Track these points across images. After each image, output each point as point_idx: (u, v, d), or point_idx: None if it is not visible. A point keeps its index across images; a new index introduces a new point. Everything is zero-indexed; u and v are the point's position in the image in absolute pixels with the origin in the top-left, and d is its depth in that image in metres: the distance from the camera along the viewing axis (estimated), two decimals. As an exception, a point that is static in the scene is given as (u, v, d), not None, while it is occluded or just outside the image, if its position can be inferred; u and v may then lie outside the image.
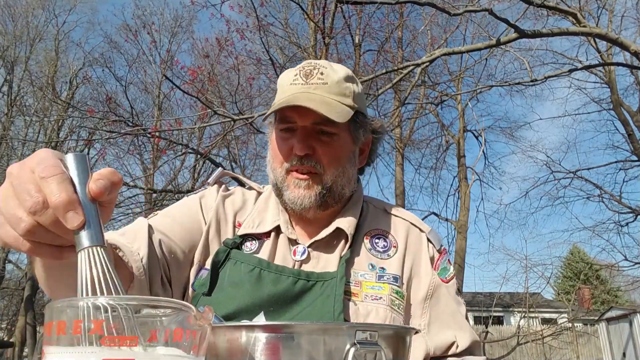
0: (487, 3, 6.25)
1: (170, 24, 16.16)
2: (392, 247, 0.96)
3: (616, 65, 11.42)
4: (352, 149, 0.97)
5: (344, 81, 0.93)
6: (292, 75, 0.94)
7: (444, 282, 0.97)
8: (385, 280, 0.91)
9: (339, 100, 0.91)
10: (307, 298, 0.85)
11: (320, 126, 0.91)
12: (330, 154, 0.91)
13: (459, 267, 13.97)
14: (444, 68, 14.14)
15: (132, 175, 13.45)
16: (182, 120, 10.38)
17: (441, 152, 15.62)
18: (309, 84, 0.91)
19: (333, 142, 0.92)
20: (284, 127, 0.93)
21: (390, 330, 0.59)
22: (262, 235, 0.95)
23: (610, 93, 13.48)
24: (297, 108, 0.87)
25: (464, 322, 0.96)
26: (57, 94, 14.74)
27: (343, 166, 0.94)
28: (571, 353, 15.08)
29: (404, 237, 0.98)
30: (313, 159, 0.91)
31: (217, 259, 0.90)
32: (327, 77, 0.91)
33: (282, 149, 0.93)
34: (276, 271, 0.87)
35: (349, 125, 0.94)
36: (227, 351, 0.54)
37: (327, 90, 0.90)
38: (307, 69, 0.92)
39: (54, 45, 16.48)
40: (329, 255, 0.93)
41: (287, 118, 0.92)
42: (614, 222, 13.19)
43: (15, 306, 16.89)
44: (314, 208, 0.92)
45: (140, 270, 0.81)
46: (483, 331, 10.60)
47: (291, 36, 10.47)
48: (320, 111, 0.85)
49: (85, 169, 0.50)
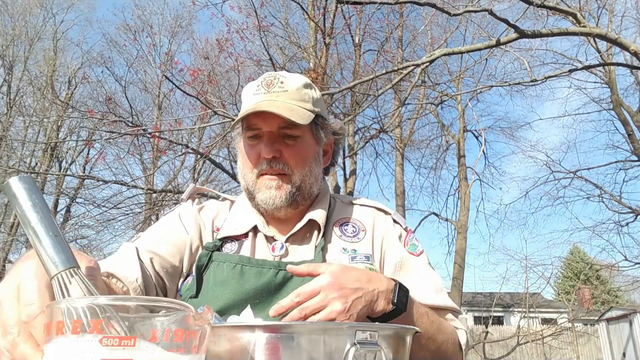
0: (487, 3, 6.24)
1: (170, 23, 16.18)
2: (360, 231, 1.04)
3: (616, 65, 11.42)
4: (316, 149, 1.04)
5: (303, 88, 1.00)
6: (254, 87, 1.01)
7: (414, 255, 1.03)
8: (358, 260, 0.97)
9: (299, 105, 0.97)
10: (290, 287, 0.89)
11: (284, 130, 0.97)
12: (296, 155, 0.98)
13: (459, 267, 13.96)
14: (444, 68, 14.17)
15: (132, 175, 13.45)
16: (182, 120, 10.38)
17: (441, 152, 15.64)
18: (270, 93, 0.97)
19: (297, 144, 0.99)
20: (251, 135, 1.00)
21: (390, 330, 0.59)
22: (241, 236, 1.01)
23: (610, 93, 13.48)
24: (262, 115, 0.95)
25: (437, 287, 1.00)
26: (56, 94, 14.73)
27: (309, 166, 1.01)
28: (571, 353, 15.08)
29: (371, 222, 1.05)
30: (281, 162, 0.98)
31: (200, 263, 0.95)
32: (287, 85, 0.98)
33: (250, 154, 1.00)
34: (257, 265, 0.92)
35: (311, 128, 1.02)
36: (227, 351, 0.54)
37: (287, 96, 0.97)
38: (268, 80, 0.99)
39: (53, 45, 16.48)
40: (305, 246, 0.99)
41: (253, 125, 0.98)
42: (614, 222, 13.19)
43: (15, 306, 16.85)
44: (285, 207, 0.98)
45: (137, 291, 0.87)
46: (483, 331, 10.60)
47: (291, 36, 10.47)
48: (284, 115, 0.91)
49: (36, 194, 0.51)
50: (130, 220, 10.00)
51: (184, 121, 10.55)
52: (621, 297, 23.08)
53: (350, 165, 11.85)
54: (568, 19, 6.76)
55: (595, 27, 6.00)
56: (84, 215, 13.58)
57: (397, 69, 5.63)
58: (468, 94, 13.61)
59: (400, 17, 12.47)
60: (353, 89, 6.96)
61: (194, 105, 10.71)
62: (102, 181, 8.34)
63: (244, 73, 9.12)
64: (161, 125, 10.50)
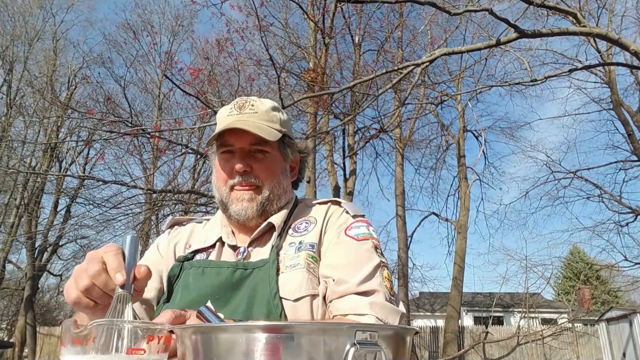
0: (487, 3, 6.25)
1: (171, 22, 16.20)
2: (311, 224, 1.11)
3: (616, 65, 11.44)
4: (284, 165, 1.16)
5: (271, 110, 1.12)
6: (227, 110, 1.13)
7: (353, 239, 1.04)
8: (302, 249, 1.04)
9: (268, 125, 1.09)
10: (247, 284, 0.98)
11: (255, 146, 1.09)
12: (265, 169, 1.09)
13: (459, 267, 13.98)
14: (444, 68, 14.17)
15: (132, 175, 13.46)
16: (182, 120, 10.39)
17: (441, 152, 15.65)
18: (242, 114, 1.09)
19: (266, 159, 1.10)
20: (224, 150, 1.10)
21: (390, 330, 0.59)
22: (209, 247, 1.12)
23: (610, 93, 13.49)
24: (235, 133, 1.07)
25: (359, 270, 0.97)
26: (56, 94, 14.74)
27: (277, 178, 1.12)
28: (571, 353, 15.09)
29: (323, 214, 1.12)
30: (252, 175, 1.08)
31: (172, 273, 1.06)
32: (257, 108, 1.10)
33: (224, 169, 1.10)
34: (217, 266, 1.03)
35: (279, 146, 1.13)
36: (227, 351, 0.54)
37: (257, 117, 1.09)
38: (240, 103, 1.12)
39: (53, 45, 16.49)
40: (263, 248, 1.08)
41: (226, 142, 1.09)
42: (614, 222, 13.21)
43: (15, 306, 16.91)
44: (256, 217, 1.08)
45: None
46: (483, 331, 10.60)
47: (291, 36, 10.48)
48: (253, 131, 1.03)
49: (136, 250, 0.77)
50: (130, 220, 10.00)
51: (184, 121, 10.55)
52: (621, 297, 23.10)
53: (350, 165, 11.87)
54: (568, 19, 6.76)
55: (595, 27, 6.01)
56: (84, 215, 13.60)
57: (397, 68, 5.63)
58: (468, 93, 13.64)
59: (400, 17, 12.48)
60: (353, 89, 6.96)
61: (194, 105, 10.73)
62: (102, 181, 8.33)
63: (244, 73, 9.13)
64: (161, 125, 10.50)
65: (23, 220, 15.24)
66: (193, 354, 0.57)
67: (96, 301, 0.75)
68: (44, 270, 15.71)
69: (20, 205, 15.09)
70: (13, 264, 16.64)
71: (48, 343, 16.07)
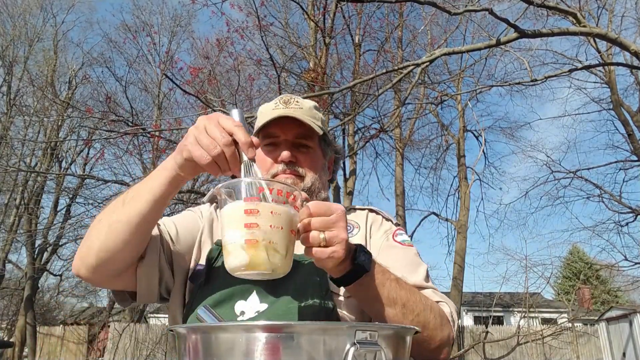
0: (487, 3, 6.24)
1: (170, 22, 16.19)
2: (354, 228, 1.16)
3: (616, 65, 11.43)
4: (323, 161, 1.21)
5: (314, 109, 1.18)
6: (272, 104, 1.17)
7: (400, 244, 1.12)
8: None
9: (312, 120, 1.14)
10: (297, 276, 0.96)
11: (300, 140, 1.14)
12: (309, 161, 1.14)
13: (459, 267, 13.96)
14: (444, 68, 14.16)
15: (132, 175, 13.45)
16: (182, 119, 10.38)
17: (441, 152, 15.63)
18: (288, 108, 1.13)
19: (310, 153, 1.15)
20: (268, 142, 1.14)
21: (390, 330, 0.59)
22: None
23: (610, 93, 13.48)
24: (281, 125, 1.12)
25: (419, 271, 1.06)
26: (56, 94, 14.73)
27: (319, 173, 1.16)
28: (571, 353, 15.08)
29: (364, 220, 1.18)
30: (296, 165, 1.13)
31: (210, 255, 1.05)
32: (302, 104, 1.15)
33: (266, 159, 1.13)
34: None
35: (320, 143, 1.19)
36: (227, 351, 0.54)
37: (303, 113, 1.13)
38: (285, 99, 1.16)
39: (53, 45, 16.48)
40: None
41: (271, 134, 1.14)
42: (614, 222, 13.20)
43: (15, 306, 16.88)
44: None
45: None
46: (483, 331, 10.59)
47: (291, 36, 10.47)
48: (306, 121, 1.09)
49: (245, 123, 0.83)
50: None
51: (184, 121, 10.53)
52: (621, 297, 23.08)
53: (350, 165, 11.85)
54: (568, 19, 6.76)
55: (595, 27, 6.00)
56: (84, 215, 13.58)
57: (397, 68, 5.62)
58: (468, 93, 13.62)
59: (400, 16, 12.47)
60: (353, 89, 6.95)
61: (194, 104, 10.71)
62: (102, 181, 8.34)
63: (244, 72, 9.13)
64: (161, 124, 10.50)
65: (23, 220, 15.22)
66: (193, 353, 0.57)
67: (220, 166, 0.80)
68: (44, 270, 15.70)
69: (20, 204, 15.08)
70: (13, 263, 16.63)
71: (48, 343, 16.05)
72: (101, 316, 17.79)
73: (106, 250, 0.89)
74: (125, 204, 0.89)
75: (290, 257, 0.77)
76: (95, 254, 0.89)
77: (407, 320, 0.88)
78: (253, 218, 0.72)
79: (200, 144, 0.78)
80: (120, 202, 0.90)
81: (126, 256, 0.92)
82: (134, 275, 0.98)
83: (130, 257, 0.94)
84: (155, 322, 18.21)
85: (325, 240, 0.78)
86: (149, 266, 0.99)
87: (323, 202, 0.80)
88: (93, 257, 0.90)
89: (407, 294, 0.90)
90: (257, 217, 0.73)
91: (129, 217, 0.87)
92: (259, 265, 0.72)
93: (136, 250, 0.94)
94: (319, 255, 0.78)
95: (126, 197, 0.90)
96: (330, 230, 0.78)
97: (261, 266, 0.72)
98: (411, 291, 0.92)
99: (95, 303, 20.89)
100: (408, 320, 0.88)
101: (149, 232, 0.94)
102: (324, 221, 0.78)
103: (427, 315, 0.91)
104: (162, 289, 1.04)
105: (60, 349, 15.97)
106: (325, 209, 0.79)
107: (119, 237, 0.88)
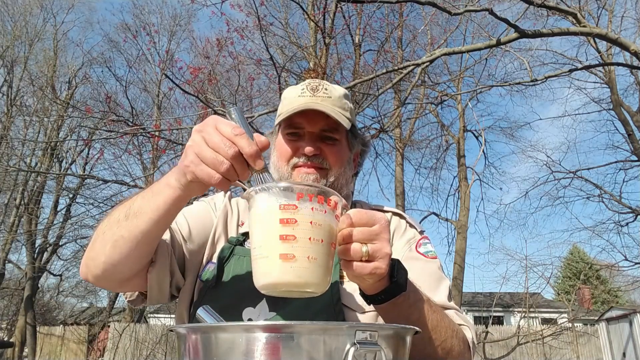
0: (487, 3, 6.24)
1: (169, 22, 16.19)
2: None
3: (616, 65, 11.43)
4: (349, 155, 1.11)
5: (343, 97, 1.08)
6: (299, 89, 1.07)
7: (423, 256, 1.06)
8: None
9: (340, 112, 1.05)
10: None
11: (325, 132, 1.05)
12: (335, 154, 1.05)
13: (459, 267, 13.96)
14: (444, 68, 14.16)
15: (132, 175, 13.45)
16: (182, 119, 10.37)
17: (441, 152, 15.63)
18: (316, 96, 1.04)
19: (336, 146, 1.06)
20: (292, 132, 1.06)
21: (390, 330, 0.59)
22: None
23: (610, 93, 13.48)
24: (306, 116, 1.02)
25: (441, 287, 1.02)
26: (56, 93, 14.73)
27: (344, 167, 1.07)
28: (571, 353, 15.07)
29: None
30: (320, 157, 1.04)
31: (222, 255, 1.00)
32: (331, 92, 1.06)
33: (288, 149, 1.05)
34: None
35: (347, 135, 1.10)
36: (227, 351, 0.54)
37: (331, 102, 1.04)
38: (313, 85, 1.07)
39: (53, 45, 16.47)
40: None
41: (295, 124, 1.05)
42: (614, 222, 13.21)
43: (15, 306, 16.88)
44: None
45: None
46: (483, 331, 10.59)
47: (291, 36, 10.47)
48: (333, 115, 1.00)
49: (246, 122, 0.75)
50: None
51: (184, 120, 10.53)
52: (621, 297, 23.07)
53: (350, 165, 11.83)
54: (568, 19, 6.76)
55: (595, 27, 6.00)
56: (84, 215, 13.59)
57: (397, 68, 5.63)
58: (468, 93, 13.62)
59: (400, 16, 12.46)
60: (353, 89, 6.95)
61: (194, 104, 10.71)
62: (102, 181, 8.34)
63: (244, 72, 9.12)
64: (161, 124, 10.49)
65: (23, 220, 15.22)
66: (193, 354, 0.57)
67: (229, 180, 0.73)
68: (44, 270, 15.70)
69: (21, 204, 15.07)
70: (13, 263, 16.62)
71: (48, 343, 16.05)
72: (101, 316, 17.78)
73: (112, 264, 0.86)
74: (129, 219, 0.83)
75: (330, 273, 0.69)
76: (101, 266, 0.87)
77: (431, 345, 0.84)
78: (290, 229, 0.64)
79: (205, 161, 0.71)
80: (123, 214, 0.85)
81: (133, 267, 0.90)
82: (145, 279, 0.95)
83: (137, 267, 0.91)
84: (155, 322, 18.19)
85: (367, 254, 0.70)
86: (160, 270, 0.96)
87: (365, 211, 0.73)
88: (99, 269, 0.88)
89: (437, 318, 0.86)
90: (294, 228, 0.64)
91: (133, 235, 0.83)
92: (296, 285, 0.65)
93: (144, 261, 0.92)
94: (359, 270, 0.71)
95: (129, 210, 0.84)
96: (373, 243, 0.71)
97: (298, 286, 0.65)
98: (441, 314, 0.88)
99: (95, 303, 20.90)
100: (433, 346, 0.84)
101: (154, 245, 0.91)
102: (367, 232, 0.71)
103: (453, 341, 0.88)
104: (173, 289, 1.01)
105: (61, 349, 15.97)
106: (368, 218, 0.72)
107: (124, 253, 0.85)
